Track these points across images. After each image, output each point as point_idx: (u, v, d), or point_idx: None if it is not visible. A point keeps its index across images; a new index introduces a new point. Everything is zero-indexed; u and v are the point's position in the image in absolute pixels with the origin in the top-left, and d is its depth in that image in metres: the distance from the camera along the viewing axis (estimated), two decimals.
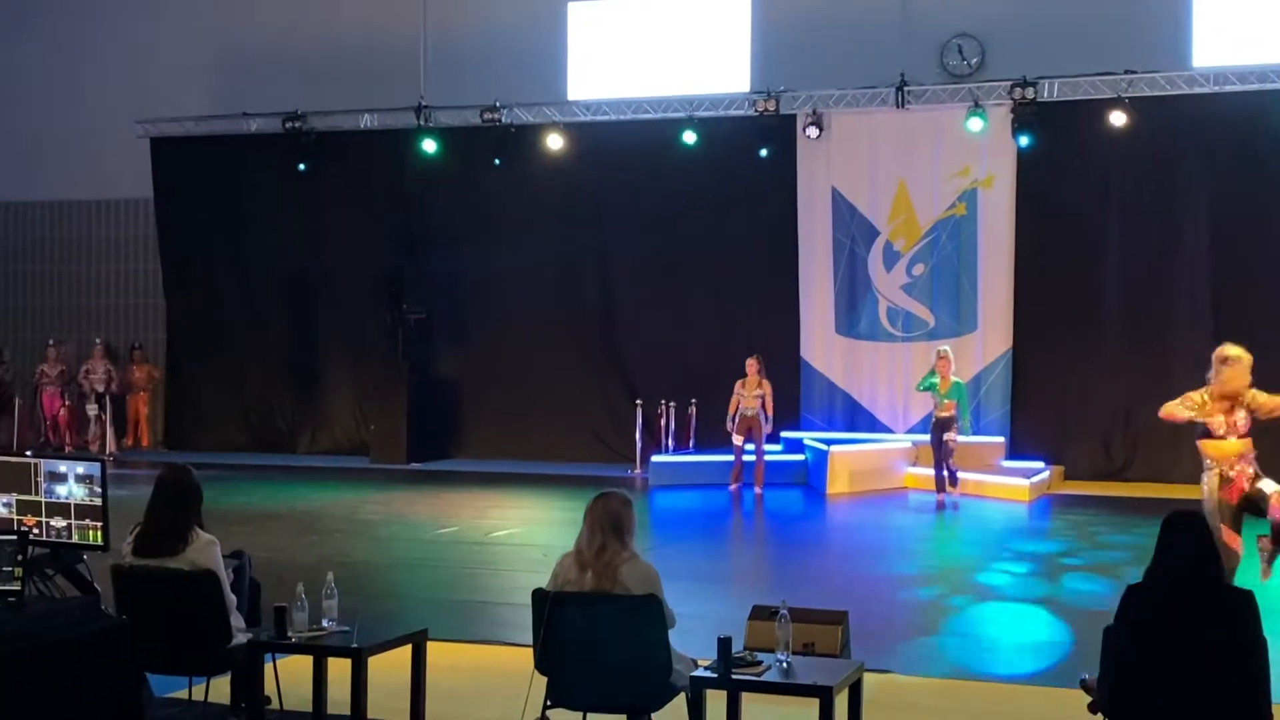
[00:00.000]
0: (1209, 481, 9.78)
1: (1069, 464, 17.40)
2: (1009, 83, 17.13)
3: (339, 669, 6.84)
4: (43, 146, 22.15)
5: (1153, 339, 17.32)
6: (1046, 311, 17.67)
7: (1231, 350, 9.82)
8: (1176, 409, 10.02)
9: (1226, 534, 9.50)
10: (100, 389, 20.94)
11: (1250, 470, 9.72)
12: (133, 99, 21.10)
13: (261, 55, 20.96)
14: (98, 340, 21.55)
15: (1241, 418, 9.74)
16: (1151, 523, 6.26)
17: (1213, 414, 9.78)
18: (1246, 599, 5.69)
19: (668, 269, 19.11)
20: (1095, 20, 17.30)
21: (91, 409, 20.72)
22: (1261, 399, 9.75)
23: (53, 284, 22.93)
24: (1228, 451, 9.72)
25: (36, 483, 7.60)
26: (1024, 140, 17.24)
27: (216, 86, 21.18)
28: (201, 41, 21.46)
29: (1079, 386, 17.60)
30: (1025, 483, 16.11)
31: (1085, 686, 6.10)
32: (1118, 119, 16.82)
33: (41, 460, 7.82)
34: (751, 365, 16.39)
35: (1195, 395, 9.89)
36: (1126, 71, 16.83)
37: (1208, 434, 9.82)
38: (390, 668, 7.01)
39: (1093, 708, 5.91)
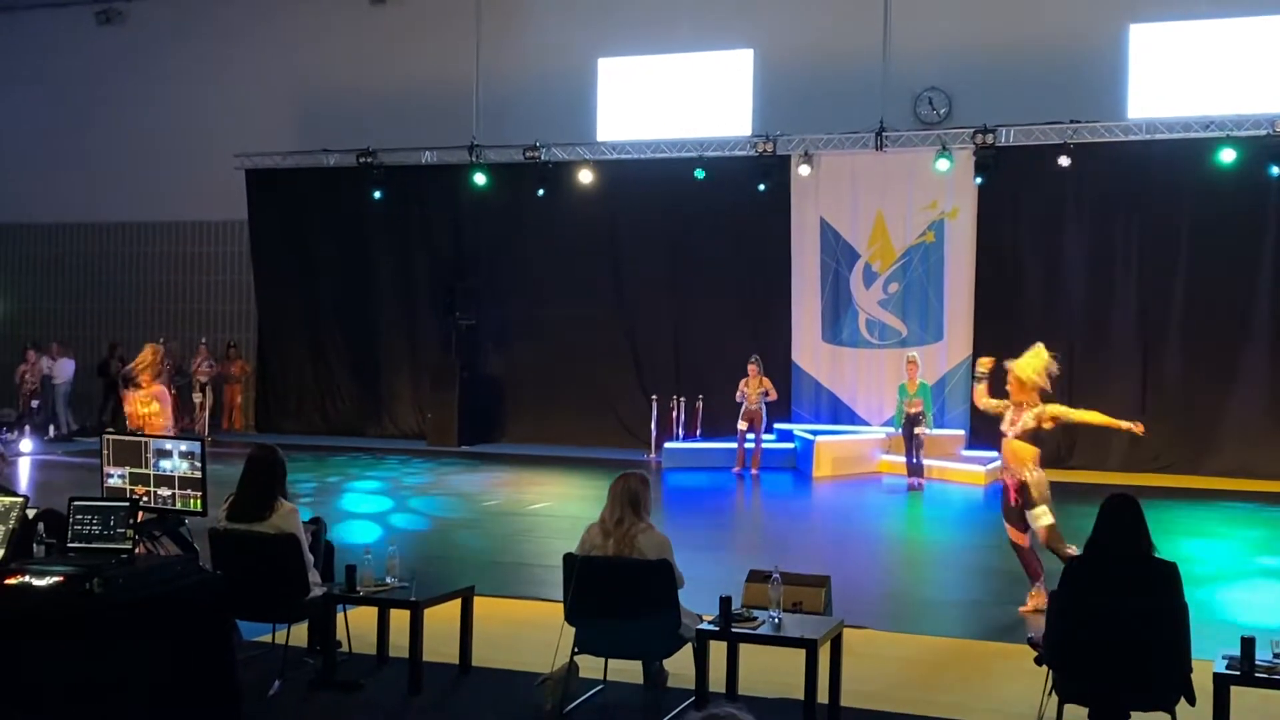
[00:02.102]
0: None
1: None
2: (972, 130, 17.05)
3: (399, 619, 6.84)
4: (153, 174, 22.24)
5: (1090, 346, 17.24)
6: (1001, 323, 17.52)
7: (1026, 353, 8.90)
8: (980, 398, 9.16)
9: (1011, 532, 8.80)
10: (204, 380, 21.02)
11: (1017, 479, 8.74)
12: (230, 135, 21.16)
13: (339, 100, 21.00)
14: (202, 340, 21.61)
15: (1028, 418, 8.76)
16: (1087, 504, 6.22)
17: (1002, 410, 8.99)
18: (1171, 570, 5.67)
19: (679, 284, 19.08)
20: (1045, 77, 17.22)
21: (197, 397, 20.81)
22: (1053, 410, 8.80)
23: (161, 291, 23.01)
24: (1005, 447, 8.87)
25: (146, 458, 7.62)
26: (984, 178, 17.16)
27: (301, 126, 21.23)
28: (287, 86, 21.52)
29: None
30: (982, 469, 16.03)
31: (1032, 643, 6.06)
32: (1063, 161, 16.74)
33: (150, 439, 7.84)
34: (752, 367, 16.40)
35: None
36: (1071, 121, 16.74)
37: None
38: (443, 618, 7.01)
39: (1038, 661, 5.88)
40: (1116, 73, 16.99)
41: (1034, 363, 8.87)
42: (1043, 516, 8.60)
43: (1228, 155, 15.93)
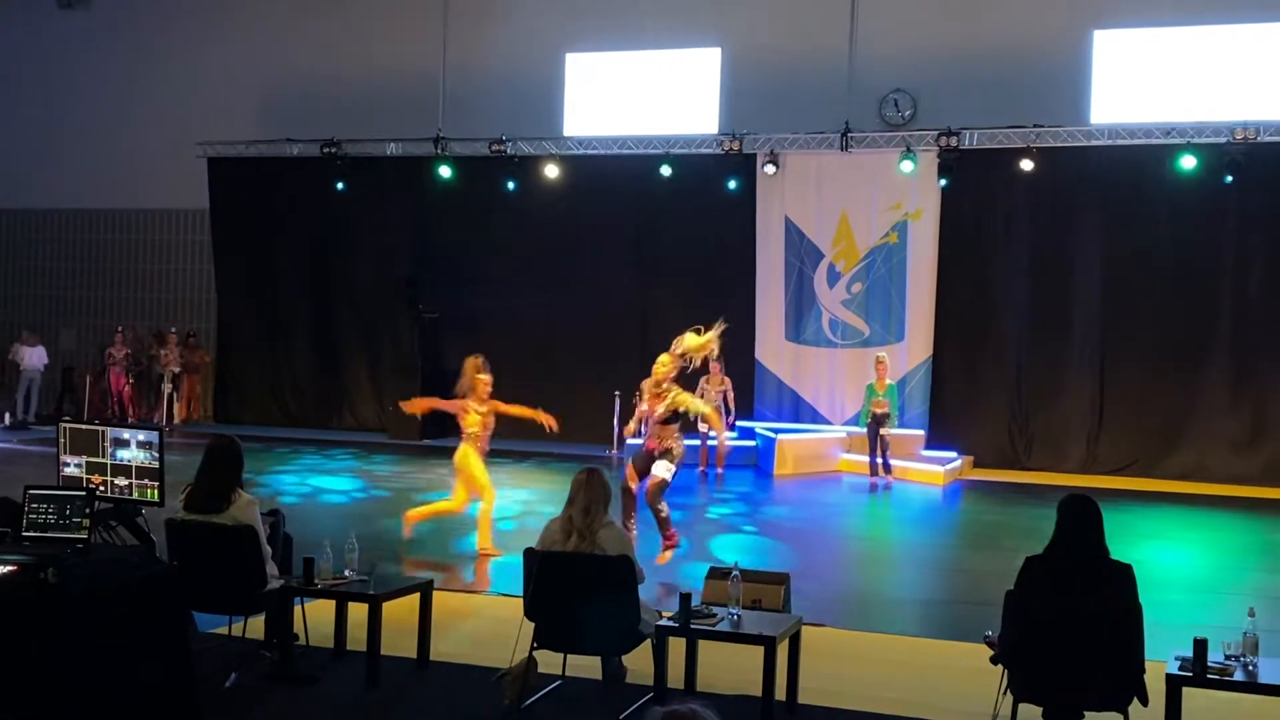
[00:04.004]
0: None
1: (978, 454, 17.43)
2: (936, 132, 17.14)
3: (358, 612, 6.81)
4: (114, 161, 22.04)
5: (1050, 350, 17.40)
6: (962, 325, 17.72)
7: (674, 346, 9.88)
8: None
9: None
10: (176, 370, 20.84)
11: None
12: (193, 124, 20.97)
13: (303, 89, 20.85)
14: (172, 330, 21.43)
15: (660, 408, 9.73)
16: (1044, 503, 6.28)
17: (640, 402, 10.06)
18: (1126, 571, 5.72)
19: (644, 281, 19.08)
20: (1010, 81, 17.34)
21: (166, 387, 20.65)
22: (683, 398, 9.87)
23: (121, 280, 22.81)
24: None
25: (103, 447, 7.56)
26: (947, 181, 17.26)
27: (264, 115, 21.07)
28: (252, 76, 21.35)
29: (987, 388, 17.65)
30: (941, 469, 16.15)
31: (988, 642, 6.10)
32: (1026, 165, 16.86)
33: (108, 428, 7.77)
34: (715, 365, 16.38)
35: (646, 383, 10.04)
36: (1034, 125, 16.87)
37: None
38: (401, 612, 6.98)
39: (994, 660, 5.92)
40: (1080, 78, 17.13)
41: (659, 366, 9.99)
42: (664, 470, 9.76)
43: (1188, 162, 16.10)
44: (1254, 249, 16.55)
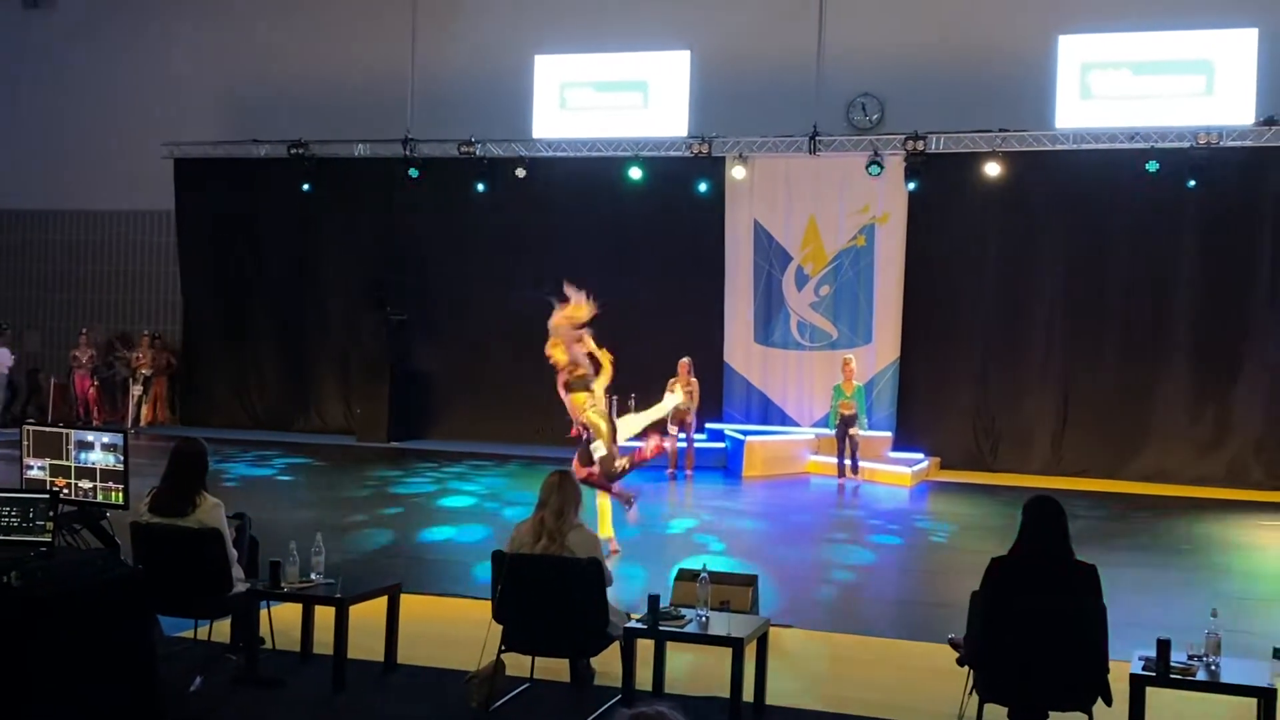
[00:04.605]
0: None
1: (944, 455, 17.53)
2: (903, 136, 17.23)
3: (324, 615, 6.78)
4: (80, 161, 21.85)
5: (1016, 352, 17.53)
6: (929, 328, 17.81)
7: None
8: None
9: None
10: (148, 373, 20.67)
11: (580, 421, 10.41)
12: (159, 124, 20.83)
13: (272, 90, 20.74)
14: (144, 332, 21.24)
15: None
16: (1008, 503, 6.32)
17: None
18: (1091, 572, 5.76)
19: (612, 283, 18.90)
20: (976, 86, 17.45)
21: (136, 389, 20.48)
22: (587, 415, 10.62)
23: (85, 281, 22.61)
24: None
25: (67, 450, 7.48)
26: (914, 184, 17.35)
27: (232, 116, 20.94)
28: (219, 76, 21.23)
29: (953, 391, 17.75)
30: (908, 470, 16.24)
31: (953, 643, 6.14)
32: (992, 169, 16.99)
33: (72, 430, 7.70)
34: (683, 366, 16.44)
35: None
36: (1000, 130, 16.99)
37: None
38: (368, 615, 6.96)
39: (960, 661, 5.96)
40: (1045, 82, 17.25)
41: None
42: (599, 449, 10.31)
43: (1152, 166, 16.25)
44: (1216, 252, 16.71)
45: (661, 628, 6.21)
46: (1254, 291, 16.62)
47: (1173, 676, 5.62)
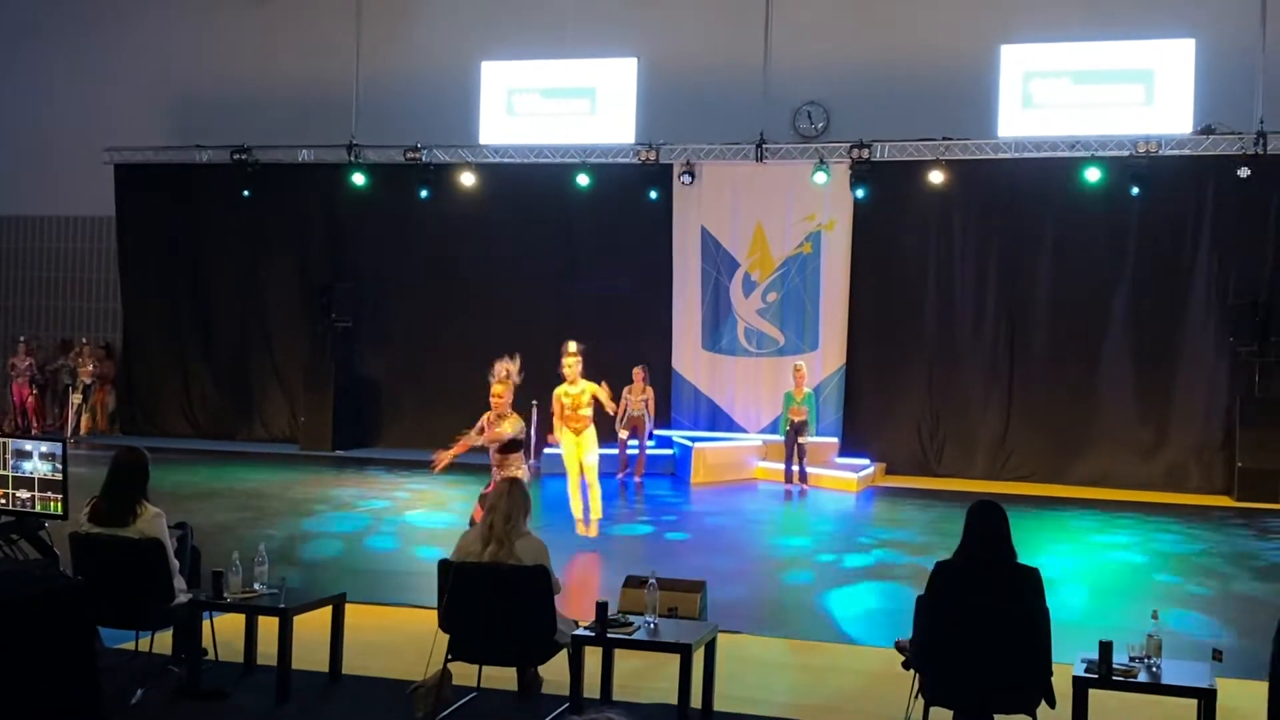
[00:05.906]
0: None
1: (890, 461, 17.66)
2: (849, 144, 17.35)
3: (268, 626, 6.71)
4: (20, 167, 21.52)
5: (960, 358, 17.69)
6: (874, 334, 17.94)
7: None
8: None
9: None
10: (89, 382, 20.36)
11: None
12: (98, 129, 20.52)
13: (213, 94, 20.52)
14: (84, 340, 20.93)
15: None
16: (953, 508, 6.38)
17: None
18: (1034, 575, 5.83)
19: (560, 290, 19.00)
20: (920, 95, 17.61)
21: (76, 398, 20.17)
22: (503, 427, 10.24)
23: (21, 288, 22.26)
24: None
25: (5, 459, 7.36)
26: (860, 192, 17.46)
27: (173, 121, 20.69)
28: (161, 80, 20.98)
29: (898, 396, 17.88)
30: (854, 476, 16.34)
31: (899, 647, 6.18)
32: (936, 177, 17.15)
33: (9, 440, 7.57)
34: (638, 374, 16.48)
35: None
36: (944, 138, 17.16)
37: None
38: (313, 626, 6.89)
39: (905, 665, 6.00)
40: (988, 91, 17.46)
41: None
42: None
43: (1092, 174, 16.49)
44: (1156, 259, 16.97)
45: (610, 635, 6.21)
46: (1192, 298, 16.90)
47: (1115, 678, 5.69)
